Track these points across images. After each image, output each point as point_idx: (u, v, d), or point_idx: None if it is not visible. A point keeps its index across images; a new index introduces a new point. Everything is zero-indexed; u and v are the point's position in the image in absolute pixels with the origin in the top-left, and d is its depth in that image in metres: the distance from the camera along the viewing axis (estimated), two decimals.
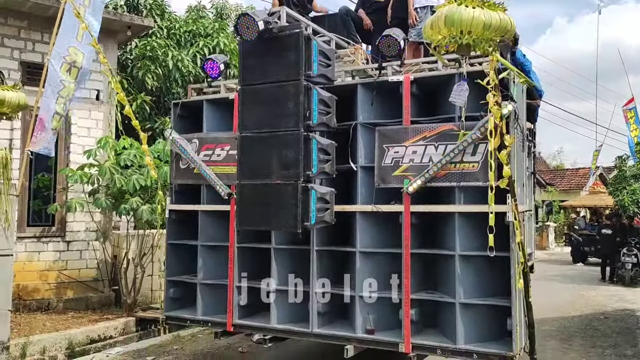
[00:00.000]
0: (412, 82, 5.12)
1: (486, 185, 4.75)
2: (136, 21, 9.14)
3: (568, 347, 7.02)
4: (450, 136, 4.92)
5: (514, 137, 4.70)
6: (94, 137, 8.70)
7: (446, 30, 3.62)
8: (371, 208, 5.23)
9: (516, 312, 4.57)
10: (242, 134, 4.99)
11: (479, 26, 3.54)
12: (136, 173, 7.68)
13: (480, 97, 4.49)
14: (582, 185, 28.38)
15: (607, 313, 9.49)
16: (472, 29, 3.54)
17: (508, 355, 4.56)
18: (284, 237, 5.66)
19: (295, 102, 4.68)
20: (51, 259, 8.34)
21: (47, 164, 8.74)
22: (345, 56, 5.89)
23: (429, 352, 5.09)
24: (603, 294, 11.85)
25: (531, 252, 7.68)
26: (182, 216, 6.35)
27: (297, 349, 6.68)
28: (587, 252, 18.35)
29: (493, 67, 4.26)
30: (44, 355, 6.32)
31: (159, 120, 11.66)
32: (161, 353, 6.55)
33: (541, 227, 24.11)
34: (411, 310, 4.97)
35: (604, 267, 14.46)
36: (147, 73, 11.30)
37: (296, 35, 4.70)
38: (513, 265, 4.57)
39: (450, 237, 4.97)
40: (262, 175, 4.84)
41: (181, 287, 6.34)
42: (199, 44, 12.26)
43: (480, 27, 3.54)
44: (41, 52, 8.25)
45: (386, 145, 5.21)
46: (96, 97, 8.97)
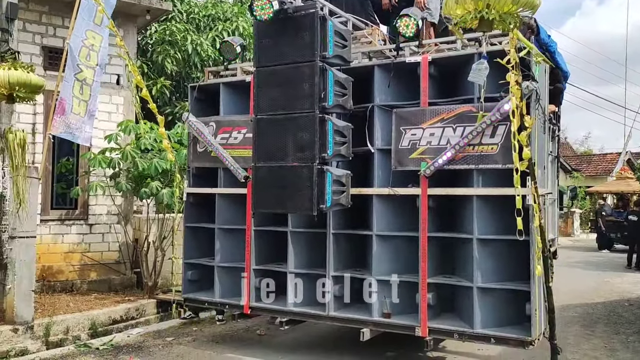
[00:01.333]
0: (430, 63, 5.03)
1: (505, 167, 4.66)
2: (155, 5, 9.13)
3: (590, 333, 6.89)
4: (469, 118, 4.82)
5: (535, 118, 4.57)
6: (114, 121, 8.76)
7: (472, 5, 3.49)
8: (388, 191, 5.18)
9: (535, 296, 4.49)
10: (258, 116, 4.97)
11: (509, 0, 3.40)
12: (156, 157, 7.73)
13: (500, 77, 4.38)
14: (610, 171, 27.76)
15: (631, 300, 9.28)
16: (502, 2, 3.39)
17: (526, 340, 4.50)
18: (300, 220, 5.65)
19: (311, 83, 4.63)
20: (75, 242, 8.48)
21: (71, 147, 8.86)
22: (362, 37, 5.79)
23: (445, 337, 5.06)
24: (629, 280, 11.59)
25: (554, 237, 7.55)
26: (199, 199, 6.39)
27: (314, 331, 6.70)
28: (613, 239, 17.97)
29: (513, 45, 4.14)
30: (67, 334, 6.45)
31: (178, 104, 11.70)
32: (180, 334, 6.64)
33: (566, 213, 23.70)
34: (428, 294, 4.93)
35: (630, 254, 14.15)
36: (167, 58, 11.32)
37: (311, 16, 4.64)
38: (532, 249, 4.48)
39: (468, 220, 4.90)
40: (278, 158, 4.83)
41: (199, 270, 6.41)
42: (218, 28, 12.22)
43: (510, 1, 3.40)
44: (62, 37, 8.29)
45: (403, 127, 5.13)
46: (116, 82, 9.02)
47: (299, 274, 5.64)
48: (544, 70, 5.03)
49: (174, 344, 6.21)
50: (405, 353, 5.74)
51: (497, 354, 5.79)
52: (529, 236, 4.48)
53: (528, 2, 3.48)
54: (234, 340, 6.40)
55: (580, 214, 26.19)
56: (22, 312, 5.96)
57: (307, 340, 6.43)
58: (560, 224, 19.85)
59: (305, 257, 5.72)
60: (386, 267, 5.24)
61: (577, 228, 25.48)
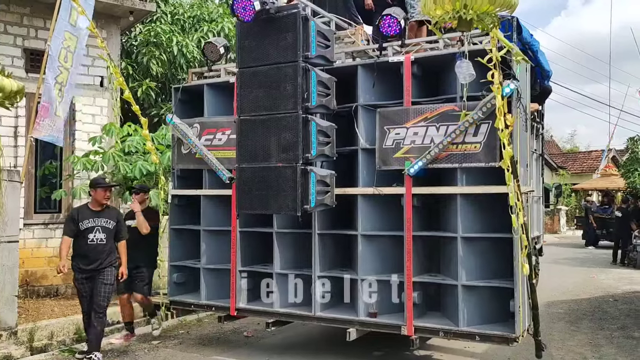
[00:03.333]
0: (412, 63, 5.04)
1: (488, 166, 4.69)
2: (138, 6, 9.07)
3: (576, 329, 6.95)
4: (452, 117, 4.85)
5: (517, 116, 4.61)
6: (98, 124, 8.70)
7: (450, 5, 3.51)
8: (372, 191, 5.19)
9: (519, 293, 4.52)
10: (241, 117, 4.95)
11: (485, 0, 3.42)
12: (141, 159, 7.68)
13: (482, 76, 4.40)
14: (595, 168, 28.03)
15: (616, 296, 9.38)
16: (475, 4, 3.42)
17: (510, 336, 4.53)
18: (286, 221, 5.65)
19: (294, 84, 4.62)
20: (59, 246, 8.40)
21: (54, 151, 8.77)
22: (346, 37, 5.80)
23: (431, 335, 5.08)
24: (613, 277, 11.72)
25: (539, 234, 7.61)
26: (184, 201, 6.36)
27: (302, 332, 6.69)
28: (598, 235, 18.15)
29: (494, 45, 4.17)
30: (52, 340, 6.38)
31: (164, 106, 11.62)
32: (167, 337, 6.59)
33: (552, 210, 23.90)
34: (413, 293, 4.95)
35: (615, 250, 14.31)
36: (152, 59, 11.24)
37: (294, 16, 4.63)
38: (516, 247, 4.51)
39: (452, 219, 4.92)
40: (262, 159, 4.81)
41: (185, 272, 6.38)
42: (203, 29, 12.15)
43: (486, 1, 3.42)
44: (44, 39, 8.19)
45: (387, 126, 5.14)
46: (100, 84, 8.95)
47: (285, 275, 5.63)
48: (525, 69, 5.06)
49: (160, 347, 6.17)
50: (392, 352, 5.75)
51: (483, 351, 5.82)
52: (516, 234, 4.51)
53: (505, 1, 3.51)
54: (221, 343, 6.38)
55: (566, 211, 26.44)
56: (6, 318, 5.89)
57: (295, 341, 6.42)
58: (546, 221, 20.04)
59: (291, 257, 5.72)
60: (372, 267, 5.25)
61: (563, 225, 25.72)
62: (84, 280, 5.49)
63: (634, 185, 14.08)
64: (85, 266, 5.47)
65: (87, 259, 5.48)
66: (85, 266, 5.47)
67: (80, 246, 5.51)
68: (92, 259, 5.49)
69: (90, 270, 5.48)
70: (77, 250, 5.53)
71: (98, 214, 5.57)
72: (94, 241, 5.50)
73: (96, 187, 5.59)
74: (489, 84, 4.32)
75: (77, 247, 5.53)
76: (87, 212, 5.57)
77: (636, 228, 13.52)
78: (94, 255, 5.49)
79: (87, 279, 5.49)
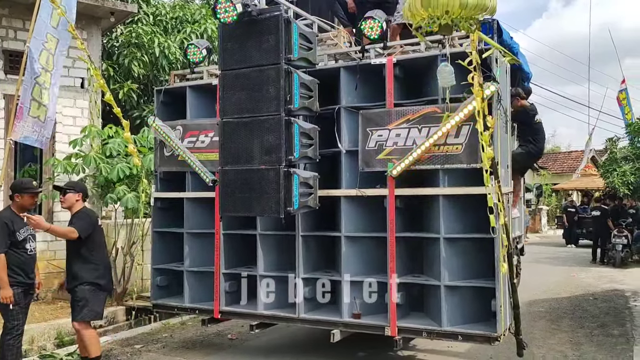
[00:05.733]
0: (395, 65, 5.08)
1: (470, 167, 4.74)
2: (119, 7, 8.98)
3: (556, 327, 7.05)
4: (434, 118, 4.89)
5: (497, 118, 4.66)
6: (79, 126, 8.60)
7: (424, 12, 3.57)
8: (355, 192, 5.21)
9: (500, 293, 4.58)
10: (224, 119, 4.94)
11: (456, 5, 3.48)
12: (122, 161, 7.62)
13: (464, 78, 4.45)
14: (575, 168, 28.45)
15: (596, 294, 9.54)
16: (449, 8, 3.48)
17: (492, 335, 4.59)
18: (269, 223, 5.64)
19: (276, 86, 4.62)
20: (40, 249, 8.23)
21: (34, 154, 8.65)
22: (328, 39, 5.82)
23: (414, 335, 5.12)
24: (593, 275, 11.91)
25: (520, 234, 7.70)
26: (167, 204, 6.32)
27: (286, 334, 6.69)
28: (578, 234, 18.44)
29: (475, 47, 4.22)
30: (33, 345, 6.30)
31: (146, 108, 11.54)
32: (150, 341, 6.54)
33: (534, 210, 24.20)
34: (397, 294, 4.98)
35: (594, 249, 14.55)
36: (134, 60, 11.16)
37: (276, 18, 4.63)
38: (497, 247, 4.56)
39: (435, 220, 4.96)
40: (244, 161, 4.80)
41: (168, 275, 6.34)
42: (186, 30, 12.10)
43: (457, 6, 3.48)
44: (23, 40, 8.09)
45: (370, 128, 5.17)
46: (81, 85, 8.85)
47: (269, 277, 5.62)
48: (505, 70, 5.13)
49: (142, 351, 6.12)
50: (376, 352, 5.78)
51: (465, 351, 5.88)
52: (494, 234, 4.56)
53: (479, 5, 3.56)
54: (205, 346, 6.35)
55: (547, 210, 26.79)
56: None
57: (279, 343, 6.41)
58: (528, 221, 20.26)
59: (275, 259, 5.72)
60: (355, 268, 5.27)
61: (544, 224, 26.06)
62: (22, 295, 4.90)
63: (612, 185, 14.29)
64: (28, 280, 4.94)
65: (28, 271, 4.96)
66: (28, 280, 4.95)
67: (18, 257, 4.88)
68: (32, 270, 5.02)
69: (30, 285, 4.99)
70: (15, 263, 4.85)
71: None
72: (32, 251, 5.03)
73: (23, 192, 5.00)
74: (470, 85, 4.37)
75: (15, 260, 4.85)
76: (19, 220, 4.92)
77: (614, 227, 13.75)
78: (33, 266, 5.04)
79: (24, 292, 4.93)
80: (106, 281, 5.21)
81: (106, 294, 5.30)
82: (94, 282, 5.05)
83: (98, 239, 5.21)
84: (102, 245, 5.30)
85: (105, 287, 5.20)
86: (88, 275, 5.04)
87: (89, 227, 5.05)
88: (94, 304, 5.06)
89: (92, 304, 5.03)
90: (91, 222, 5.10)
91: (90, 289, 5.03)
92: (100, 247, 5.25)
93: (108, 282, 5.28)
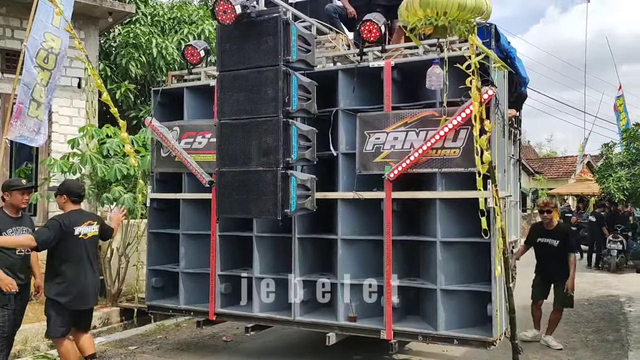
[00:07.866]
0: (393, 68, 5.08)
1: (467, 171, 4.74)
2: (117, 7, 8.97)
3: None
4: (432, 122, 4.89)
5: (495, 122, 4.67)
6: (76, 125, 8.56)
7: (421, 12, 3.57)
8: (352, 195, 5.21)
9: (496, 297, 4.58)
10: (222, 120, 4.93)
11: (454, 7, 3.49)
12: (119, 162, 7.59)
13: (461, 82, 4.45)
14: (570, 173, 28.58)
15: (591, 299, 9.55)
16: (448, 9, 3.49)
17: (488, 340, 4.58)
18: (265, 225, 5.63)
19: (274, 88, 4.62)
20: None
21: (30, 153, 8.61)
22: (327, 42, 5.82)
23: (410, 339, 5.11)
24: (588, 280, 11.91)
25: (516, 239, 7.71)
26: (163, 205, 6.30)
27: (282, 336, 6.67)
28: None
29: (473, 51, 4.22)
30: (26, 345, 6.24)
31: (143, 108, 11.52)
32: (144, 342, 6.51)
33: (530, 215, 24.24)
34: (393, 297, 4.97)
35: (590, 254, 14.58)
36: (131, 61, 11.15)
37: (275, 20, 4.64)
38: (493, 251, 4.57)
39: (431, 223, 4.97)
40: (242, 162, 4.80)
41: (164, 276, 6.31)
42: (183, 31, 12.10)
43: (455, 7, 3.49)
44: (20, 39, 8.07)
45: (367, 131, 5.17)
46: (77, 85, 8.82)
47: (264, 279, 5.61)
48: (503, 75, 5.14)
49: (137, 353, 6.09)
50: (371, 356, 5.77)
51: (461, 355, 5.87)
52: (491, 238, 4.57)
53: (476, 8, 3.57)
54: (200, 348, 6.32)
55: None
56: None
57: (274, 345, 6.39)
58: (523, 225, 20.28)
59: (271, 262, 5.70)
60: (351, 271, 5.25)
61: None
62: (12, 296, 4.70)
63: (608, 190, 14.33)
64: (18, 280, 4.70)
65: (17, 273, 4.75)
66: (18, 280, 4.71)
67: (6, 258, 4.68)
68: (21, 271, 4.81)
69: (21, 286, 4.75)
70: (3, 264, 4.66)
71: (19, 220, 4.84)
72: (22, 252, 4.77)
73: (11, 190, 4.80)
74: (468, 89, 4.37)
75: (3, 261, 4.67)
76: (8, 220, 4.78)
77: (608, 233, 13.79)
78: (24, 268, 4.85)
79: (15, 294, 4.70)
80: (69, 299, 4.68)
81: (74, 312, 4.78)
82: (53, 299, 4.68)
83: (74, 252, 4.72)
84: (79, 260, 4.74)
85: (67, 306, 4.70)
86: (49, 290, 4.71)
87: (54, 236, 4.58)
88: (56, 321, 4.70)
89: (53, 321, 4.71)
90: (60, 232, 4.61)
91: (51, 305, 4.71)
92: (75, 261, 4.72)
93: (72, 300, 4.70)
